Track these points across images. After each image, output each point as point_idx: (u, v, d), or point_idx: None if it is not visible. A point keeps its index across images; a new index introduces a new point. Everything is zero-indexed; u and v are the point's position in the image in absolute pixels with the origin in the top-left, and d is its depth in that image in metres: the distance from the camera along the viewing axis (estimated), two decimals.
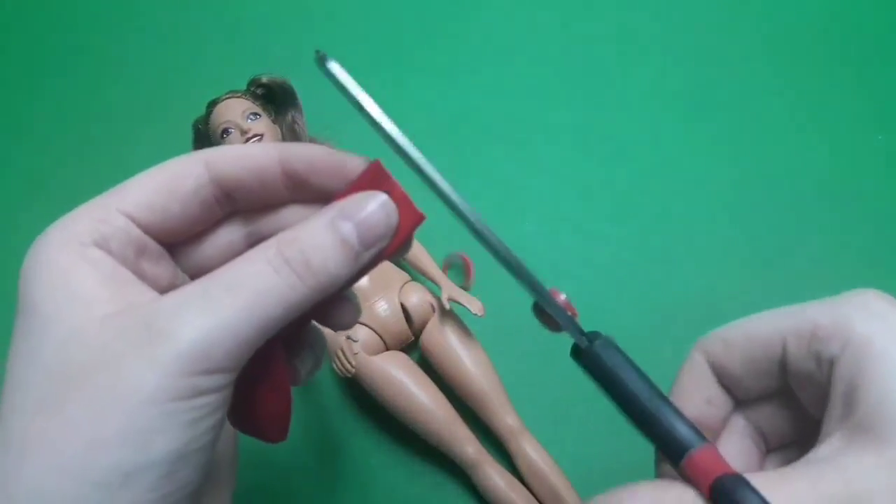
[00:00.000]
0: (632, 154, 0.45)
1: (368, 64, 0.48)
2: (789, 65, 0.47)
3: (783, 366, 0.22)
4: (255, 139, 0.37)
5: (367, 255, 0.20)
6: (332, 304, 0.22)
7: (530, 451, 0.35)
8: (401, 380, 0.35)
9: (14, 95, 0.48)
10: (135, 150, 0.44)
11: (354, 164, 0.22)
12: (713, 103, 0.46)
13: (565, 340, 0.40)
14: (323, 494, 0.37)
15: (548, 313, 0.23)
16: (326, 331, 0.35)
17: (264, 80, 0.39)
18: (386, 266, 0.38)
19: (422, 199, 0.21)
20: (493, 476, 0.35)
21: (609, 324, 0.39)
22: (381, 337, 0.37)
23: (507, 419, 0.35)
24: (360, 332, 0.36)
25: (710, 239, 0.42)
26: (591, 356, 0.23)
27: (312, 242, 0.19)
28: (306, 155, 0.22)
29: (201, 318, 0.18)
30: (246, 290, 0.19)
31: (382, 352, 0.37)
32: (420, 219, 0.21)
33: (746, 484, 0.19)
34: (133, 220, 0.21)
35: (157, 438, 0.18)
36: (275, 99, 0.40)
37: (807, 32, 0.48)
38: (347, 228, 0.20)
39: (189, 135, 0.40)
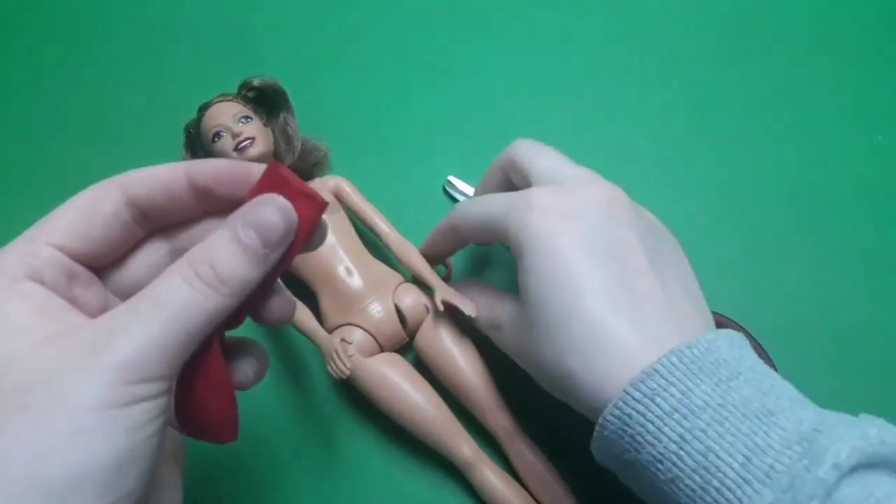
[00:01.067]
0: (630, 155, 0.45)
1: (366, 65, 0.48)
2: (788, 64, 0.47)
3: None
4: (246, 142, 0.37)
5: (275, 255, 0.22)
6: (264, 300, 0.24)
7: (527, 450, 0.35)
8: (396, 381, 0.35)
9: (8, 97, 0.48)
10: (127, 153, 0.43)
11: (257, 171, 0.23)
12: (712, 103, 0.46)
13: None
14: (320, 496, 0.37)
15: None
16: (322, 333, 0.36)
17: (255, 82, 0.39)
18: (380, 268, 0.38)
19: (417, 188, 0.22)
20: (490, 476, 0.34)
21: None
22: (375, 339, 0.36)
23: (502, 419, 0.35)
24: (355, 334, 0.36)
25: (708, 238, 0.42)
26: None
27: (219, 254, 0.21)
28: (210, 169, 0.24)
29: (131, 332, 0.20)
30: (167, 305, 0.20)
31: (377, 353, 0.36)
32: (322, 206, 0.23)
33: None
34: (60, 249, 0.22)
35: (99, 445, 0.19)
36: (266, 102, 0.40)
37: (806, 32, 0.48)
38: (249, 235, 0.21)
39: (181, 139, 0.40)
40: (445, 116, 0.46)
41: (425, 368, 0.36)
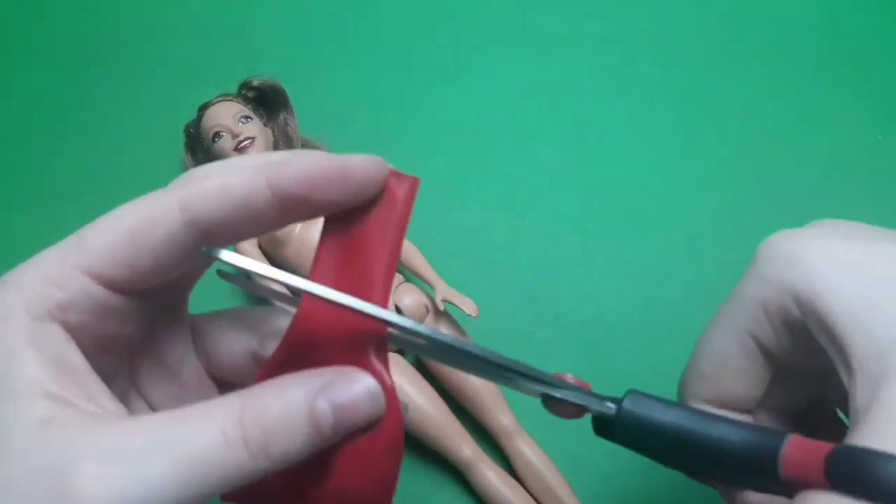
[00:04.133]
0: (632, 154, 0.45)
1: (366, 65, 0.48)
2: (788, 64, 0.47)
3: (768, 355, 0.22)
4: (246, 142, 0.37)
5: (334, 441, 0.18)
6: None
7: (527, 450, 0.35)
8: (396, 381, 0.35)
9: (9, 97, 0.48)
10: (127, 153, 0.44)
11: (358, 166, 0.19)
12: (712, 103, 0.46)
13: (557, 335, 0.40)
14: None
15: (562, 401, 0.21)
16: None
17: (255, 82, 0.39)
18: None
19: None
20: (490, 476, 0.34)
21: (610, 324, 0.39)
22: None
23: (503, 419, 0.35)
24: None
25: (710, 239, 0.42)
26: (626, 419, 0.21)
27: (280, 421, 0.17)
28: (300, 172, 0.18)
29: (129, 483, 0.15)
30: (189, 460, 0.16)
31: None
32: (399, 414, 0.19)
33: (859, 450, 0.17)
34: (96, 278, 0.18)
35: None
36: (266, 101, 0.40)
37: (806, 32, 0.48)
38: (325, 414, 0.17)
39: (181, 139, 0.40)
40: (445, 116, 0.46)
41: (425, 369, 0.36)
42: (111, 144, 0.45)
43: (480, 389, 0.35)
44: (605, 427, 0.22)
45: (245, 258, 0.18)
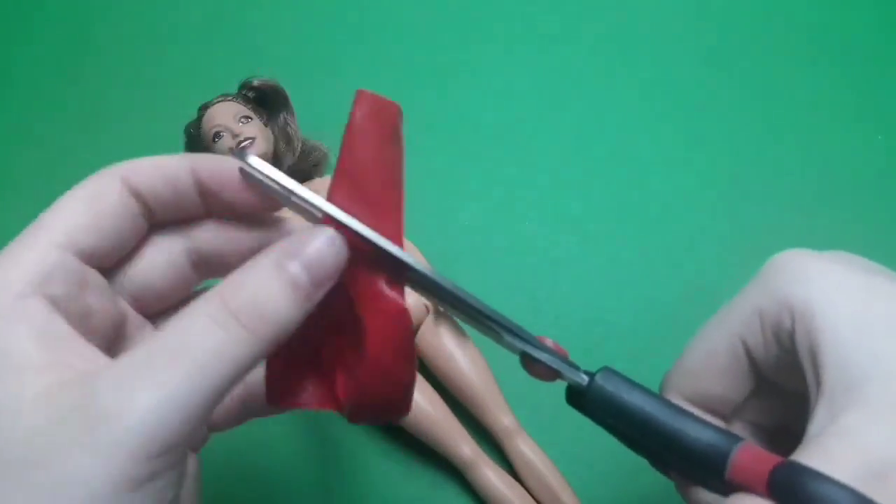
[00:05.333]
0: (632, 154, 0.45)
1: (367, 65, 0.48)
2: (788, 64, 0.47)
3: (753, 363, 0.23)
4: (246, 142, 0.37)
5: (320, 294, 0.19)
6: None
7: (527, 450, 0.35)
8: None
9: (8, 97, 0.48)
10: (127, 153, 0.44)
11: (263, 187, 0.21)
12: (713, 103, 0.46)
13: (557, 335, 0.40)
14: (320, 496, 0.36)
15: (538, 362, 0.22)
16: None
17: (255, 82, 0.39)
18: None
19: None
20: (490, 476, 0.34)
21: (609, 323, 0.39)
22: None
23: (503, 419, 0.35)
24: None
25: (710, 239, 0.42)
26: (596, 392, 0.22)
27: (259, 289, 0.18)
28: (215, 168, 0.21)
29: (145, 393, 0.16)
30: (191, 354, 0.17)
31: None
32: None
33: (802, 468, 0.17)
34: (68, 248, 0.19)
35: None
36: (266, 101, 0.40)
37: (805, 32, 0.48)
38: (295, 268, 0.18)
39: (181, 139, 0.40)
40: (445, 116, 0.46)
41: (425, 368, 0.36)
42: (111, 144, 0.45)
43: (480, 389, 0.35)
44: (577, 397, 0.23)
45: (273, 168, 0.20)
